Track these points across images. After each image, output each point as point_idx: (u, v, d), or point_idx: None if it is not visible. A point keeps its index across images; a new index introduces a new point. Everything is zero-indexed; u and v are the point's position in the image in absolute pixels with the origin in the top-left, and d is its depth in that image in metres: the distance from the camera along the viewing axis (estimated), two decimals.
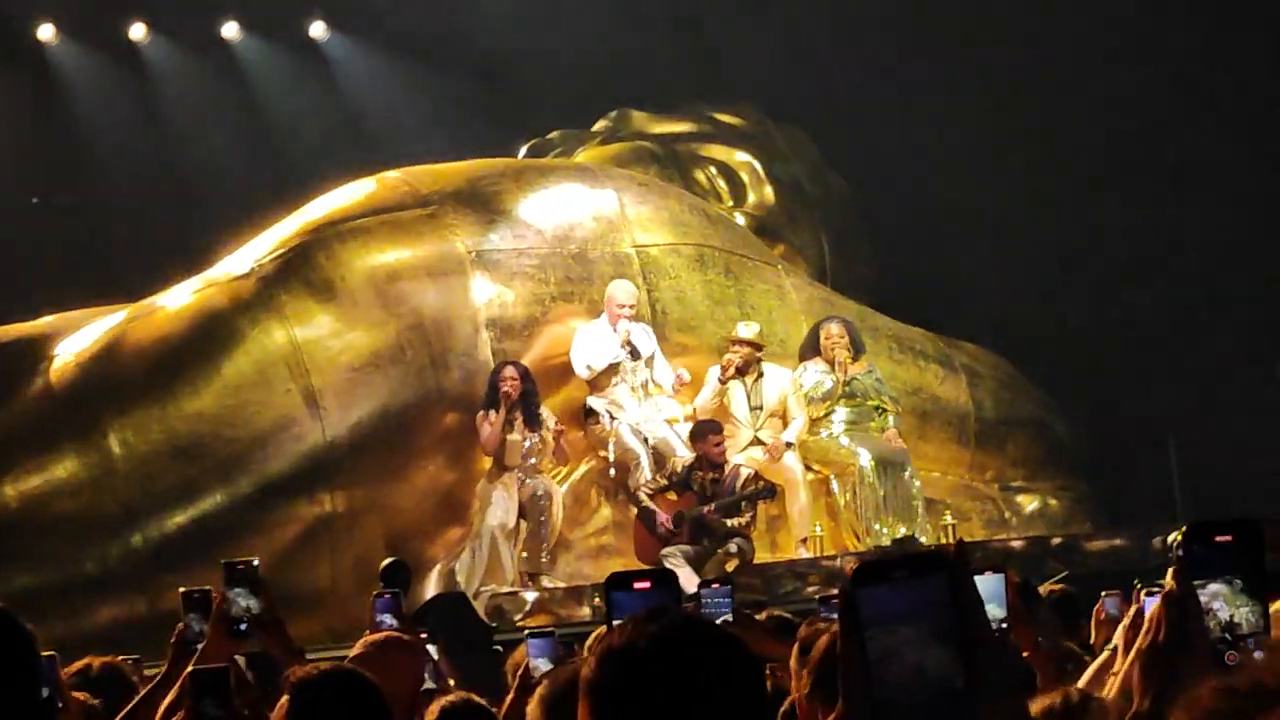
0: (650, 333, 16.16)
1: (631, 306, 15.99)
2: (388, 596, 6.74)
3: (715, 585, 6.12)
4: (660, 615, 2.50)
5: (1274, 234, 19.57)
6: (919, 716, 2.12)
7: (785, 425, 16.20)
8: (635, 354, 15.90)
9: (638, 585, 3.03)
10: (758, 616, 6.16)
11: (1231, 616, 2.41)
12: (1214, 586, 2.42)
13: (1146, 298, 19.89)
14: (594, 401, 16.07)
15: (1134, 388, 19.45)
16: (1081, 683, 5.07)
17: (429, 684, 6.20)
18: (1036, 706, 3.25)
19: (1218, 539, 2.43)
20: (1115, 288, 20.04)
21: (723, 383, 16.08)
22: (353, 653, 5.50)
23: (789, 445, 16.02)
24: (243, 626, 5.06)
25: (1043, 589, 8.21)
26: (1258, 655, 2.40)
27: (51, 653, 5.47)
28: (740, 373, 16.09)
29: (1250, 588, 2.42)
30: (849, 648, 2.20)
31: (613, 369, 15.92)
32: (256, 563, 5.17)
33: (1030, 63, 20.39)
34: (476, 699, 5.31)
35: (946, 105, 20.51)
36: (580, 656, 5.93)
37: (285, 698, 4.22)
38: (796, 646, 4.85)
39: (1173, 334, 19.65)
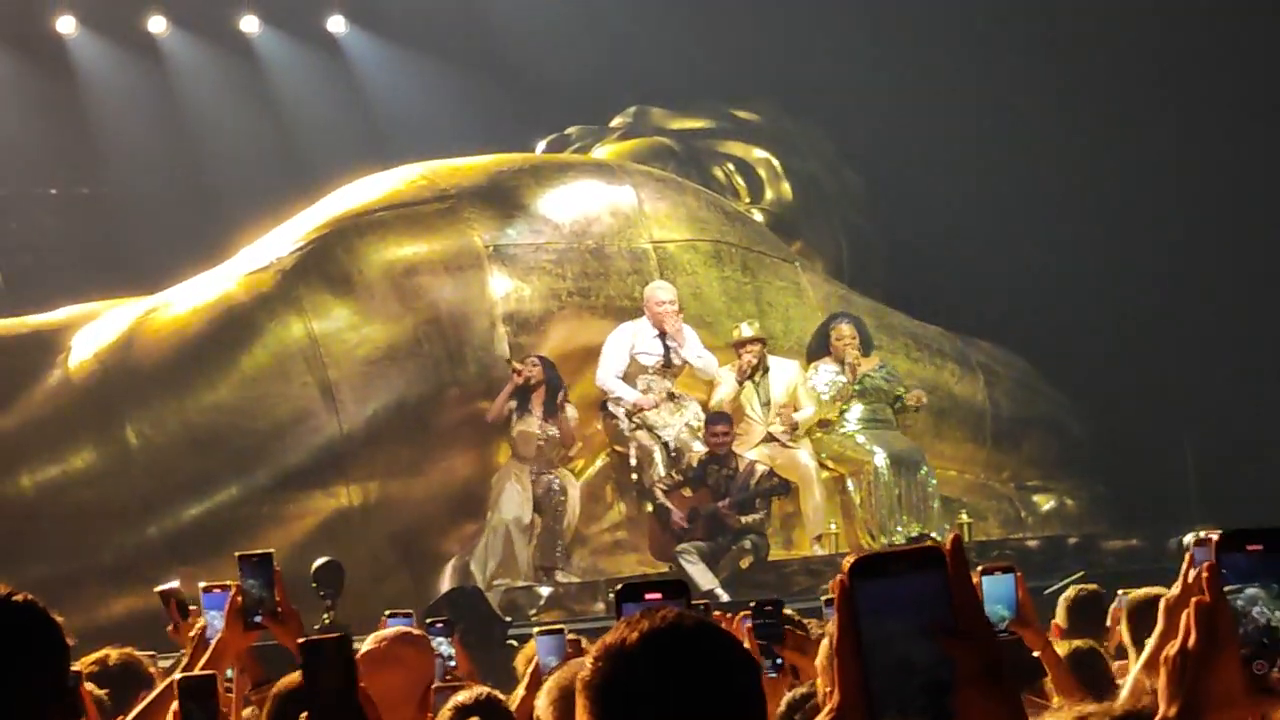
0: (694, 336, 16.09)
1: (673, 303, 15.92)
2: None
3: None
4: (654, 613, 2.52)
5: None
6: (908, 707, 2.15)
7: None
8: (668, 364, 15.86)
9: (649, 596, 3.05)
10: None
11: (1269, 620, 2.41)
12: (1251, 591, 2.42)
13: (1162, 297, 19.86)
14: (614, 407, 15.99)
15: (1150, 387, 19.42)
16: (1123, 698, 5.03)
17: (437, 682, 6.19)
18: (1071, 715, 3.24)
19: (1250, 547, 2.44)
20: (1131, 288, 20.01)
21: (740, 383, 16.03)
22: (362, 650, 5.49)
23: (795, 426, 16.02)
24: (257, 618, 5.08)
25: (1069, 591, 8.18)
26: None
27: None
28: (757, 370, 16.07)
29: None
30: (845, 640, 2.23)
31: (639, 370, 15.86)
32: (272, 554, 5.19)
33: (1037, 62, 20.38)
34: (494, 693, 5.30)
35: (962, 103, 20.50)
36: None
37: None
38: (825, 644, 4.85)
39: (1189, 334, 19.61)
